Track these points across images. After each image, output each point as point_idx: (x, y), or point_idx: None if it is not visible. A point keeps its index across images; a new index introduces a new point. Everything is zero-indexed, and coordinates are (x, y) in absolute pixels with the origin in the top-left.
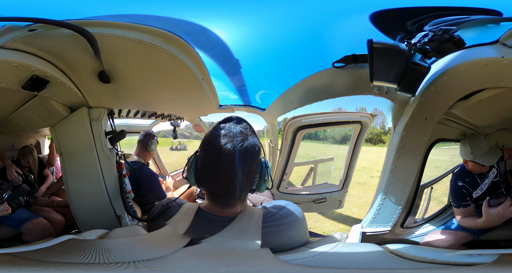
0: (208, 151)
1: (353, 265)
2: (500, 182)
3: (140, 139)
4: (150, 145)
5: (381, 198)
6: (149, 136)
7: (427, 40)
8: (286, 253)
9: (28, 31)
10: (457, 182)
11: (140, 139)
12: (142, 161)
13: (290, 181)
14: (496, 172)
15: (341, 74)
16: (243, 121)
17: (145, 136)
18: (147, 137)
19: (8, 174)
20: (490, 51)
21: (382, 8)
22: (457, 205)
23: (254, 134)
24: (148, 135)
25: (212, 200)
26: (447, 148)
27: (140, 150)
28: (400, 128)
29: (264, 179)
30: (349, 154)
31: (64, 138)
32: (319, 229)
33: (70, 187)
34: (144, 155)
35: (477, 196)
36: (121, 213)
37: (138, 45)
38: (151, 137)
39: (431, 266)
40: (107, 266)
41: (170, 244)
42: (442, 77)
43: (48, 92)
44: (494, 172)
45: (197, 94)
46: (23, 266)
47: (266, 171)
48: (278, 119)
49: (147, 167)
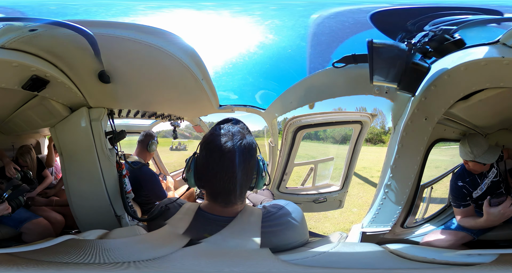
0: (209, 150)
1: (353, 265)
2: (500, 182)
3: (140, 140)
4: (151, 145)
5: (381, 198)
6: (150, 136)
7: (427, 40)
8: (286, 253)
9: (28, 31)
10: (457, 182)
11: (140, 139)
12: (142, 161)
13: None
14: (496, 172)
15: (341, 74)
16: (240, 121)
17: (146, 137)
18: (148, 138)
19: (6, 170)
20: (490, 51)
21: (382, 8)
22: (457, 205)
23: (250, 133)
24: (149, 136)
25: (213, 199)
26: (447, 148)
27: (140, 150)
28: (400, 128)
29: (262, 176)
30: (349, 154)
31: (64, 138)
32: (319, 229)
33: (70, 187)
34: (144, 155)
35: (477, 196)
36: (121, 213)
37: (138, 45)
38: (151, 138)
39: (431, 266)
40: (107, 266)
41: (170, 244)
42: (442, 77)
43: (48, 92)
44: (494, 172)
45: (197, 94)
46: (23, 266)
47: (263, 168)
48: (278, 119)
49: (148, 168)
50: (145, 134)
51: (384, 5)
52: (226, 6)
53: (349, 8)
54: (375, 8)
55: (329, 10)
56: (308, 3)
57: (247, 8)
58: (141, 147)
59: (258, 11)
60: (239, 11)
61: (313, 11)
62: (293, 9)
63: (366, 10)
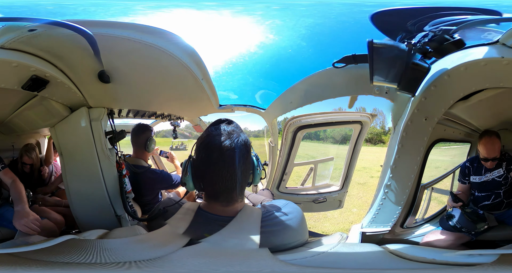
0: (208, 151)
1: (353, 265)
2: (502, 185)
3: (135, 140)
4: (150, 144)
5: (381, 198)
6: (145, 132)
7: (427, 40)
8: (286, 253)
9: (28, 31)
10: (466, 162)
11: (135, 139)
12: (144, 164)
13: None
14: (503, 174)
15: (341, 74)
16: (232, 121)
17: (141, 134)
18: (143, 135)
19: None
20: (490, 51)
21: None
22: (459, 179)
23: (242, 131)
24: (142, 132)
25: (214, 198)
26: (447, 148)
27: (138, 150)
28: (400, 128)
29: (258, 171)
30: (349, 154)
31: (64, 138)
32: (319, 229)
33: (70, 187)
34: (144, 155)
35: (473, 181)
36: (121, 213)
37: (138, 45)
38: (148, 134)
39: (431, 266)
40: (109, 266)
41: (170, 244)
42: (442, 77)
43: (48, 92)
44: (500, 172)
45: (197, 94)
46: (23, 266)
47: (258, 163)
48: (278, 119)
49: (153, 170)
50: (137, 129)
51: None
52: (228, 6)
53: (350, 8)
54: (376, 8)
55: (332, 10)
56: (311, 3)
57: (249, 8)
58: (139, 147)
59: (260, 11)
60: (240, 10)
61: (315, 11)
62: (296, 9)
63: (367, 10)
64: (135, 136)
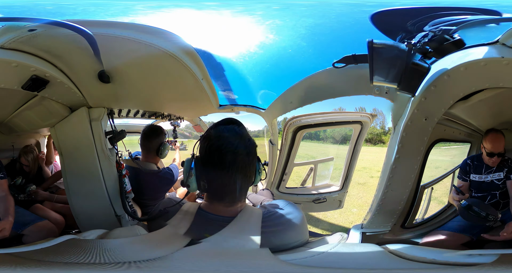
0: (220, 153)
1: (353, 265)
2: (500, 188)
3: (146, 144)
4: (163, 150)
5: (381, 198)
6: (158, 136)
7: (427, 40)
8: (286, 253)
9: (28, 31)
10: (467, 159)
11: (146, 143)
12: (155, 168)
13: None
14: (503, 179)
15: (341, 74)
16: (239, 121)
17: (154, 138)
18: (157, 139)
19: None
20: (490, 51)
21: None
22: (459, 176)
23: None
24: (156, 135)
25: (218, 199)
26: (447, 148)
27: (149, 155)
28: (400, 128)
29: (259, 171)
30: (349, 154)
31: (64, 138)
32: (319, 229)
33: (70, 187)
34: (155, 160)
35: (473, 180)
36: (121, 213)
37: (138, 45)
38: (161, 138)
39: (431, 266)
40: (109, 266)
41: (170, 244)
42: (442, 77)
43: (48, 92)
44: (500, 176)
45: (197, 94)
46: (23, 266)
47: (259, 164)
48: (278, 119)
49: (166, 171)
50: (150, 132)
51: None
52: (228, 6)
53: (351, 8)
54: (376, 8)
55: (332, 10)
56: (311, 3)
57: (249, 8)
58: (150, 151)
59: (260, 11)
60: (241, 11)
61: (316, 11)
62: (296, 9)
63: (367, 10)
64: (147, 140)
